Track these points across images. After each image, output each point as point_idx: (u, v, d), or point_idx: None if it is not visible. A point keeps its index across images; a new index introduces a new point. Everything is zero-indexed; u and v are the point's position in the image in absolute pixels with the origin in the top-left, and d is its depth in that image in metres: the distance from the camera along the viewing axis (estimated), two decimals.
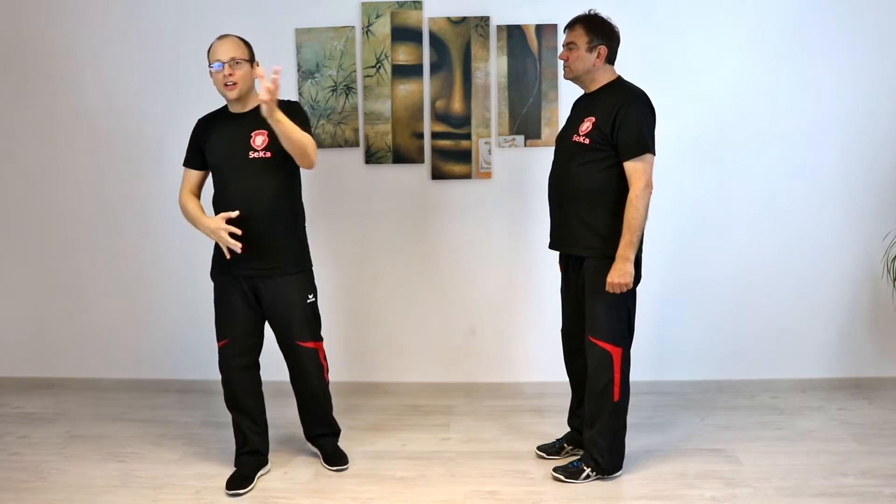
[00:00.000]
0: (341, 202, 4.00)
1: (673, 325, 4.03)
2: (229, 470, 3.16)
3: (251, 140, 2.99)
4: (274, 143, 2.94)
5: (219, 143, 3.03)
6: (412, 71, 3.95)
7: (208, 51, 3.02)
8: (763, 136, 3.92)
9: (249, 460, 3.16)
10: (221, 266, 3.09)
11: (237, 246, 2.89)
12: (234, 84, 2.94)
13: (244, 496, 3.03)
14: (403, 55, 3.94)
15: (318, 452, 3.32)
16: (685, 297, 4.02)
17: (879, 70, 3.86)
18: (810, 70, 3.88)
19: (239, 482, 3.06)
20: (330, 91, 3.97)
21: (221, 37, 3.01)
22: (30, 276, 4.21)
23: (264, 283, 3.06)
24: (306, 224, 3.19)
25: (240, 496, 3.02)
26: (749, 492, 2.99)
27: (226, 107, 3.10)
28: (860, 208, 3.96)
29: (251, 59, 3.00)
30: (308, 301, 3.13)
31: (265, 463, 3.21)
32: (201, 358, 4.13)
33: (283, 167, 3.01)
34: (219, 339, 3.15)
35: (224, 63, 2.92)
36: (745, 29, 3.86)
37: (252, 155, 2.98)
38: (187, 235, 4.05)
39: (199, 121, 3.14)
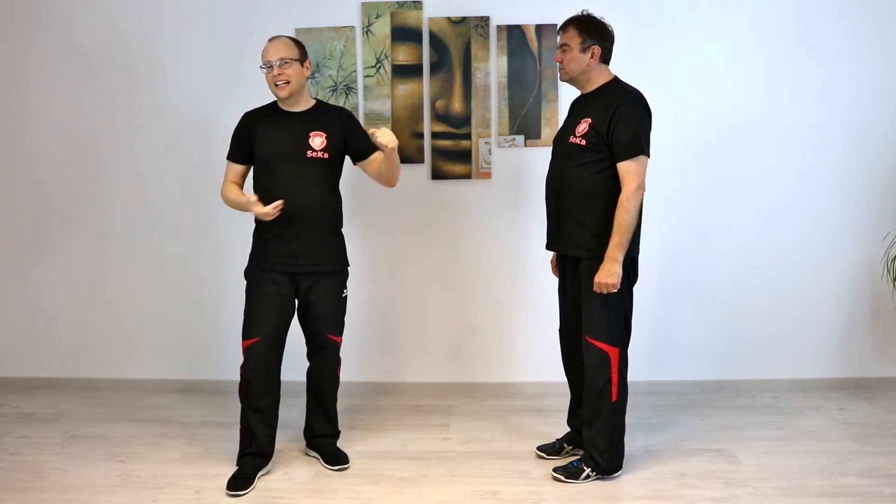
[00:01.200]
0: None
1: (673, 325, 4.03)
2: (229, 470, 3.15)
3: (309, 139, 3.07)
4: (332, 145, 3.08)
5: (272, 140, 3.07)
6: (412, 71, 3.95)
7: (264, 53, 3.09)
8: (763, 136, 3.92)
9: (252, 461, 3.15)
10: (265, 263, 3.11)
11: (273, 208, 2.94)
12: (287, 83, 3.02)
13: (244, 496, 3.03)
14: (403, 55, 3.94)
15: (318, 455, 3.32)
16: (685, 296, 4.02)
17: (880, 70, 3.87)
18: (810, 70, 3.88)
19: (240, 483, 3.05)
20: (330, 91, 3.96)
21: (272, 38, 3.08)
22: (29, 277, 4.20)
23: (309, 280, 3.12)
24: None
25: (240, 497, 3.02)
26: (749, 492, 2.99)
27: (275, 103, 3.15)
28: (860, 208, 3.96)
29: (302, 59, 3.08)
30: (343, 296, 3.23)
31: (266, 463, 3.21)
32: (202, 358, 4.14)
33: (336, 169, 3.16)
34: (247, 338, 3.12)
35: (273, 64, 2.99)
36: (744, 29, 3.86)
37: (310, 154, 3.06)
38: (192, 234, 4.07)
39: (246, 115, 3.18)
